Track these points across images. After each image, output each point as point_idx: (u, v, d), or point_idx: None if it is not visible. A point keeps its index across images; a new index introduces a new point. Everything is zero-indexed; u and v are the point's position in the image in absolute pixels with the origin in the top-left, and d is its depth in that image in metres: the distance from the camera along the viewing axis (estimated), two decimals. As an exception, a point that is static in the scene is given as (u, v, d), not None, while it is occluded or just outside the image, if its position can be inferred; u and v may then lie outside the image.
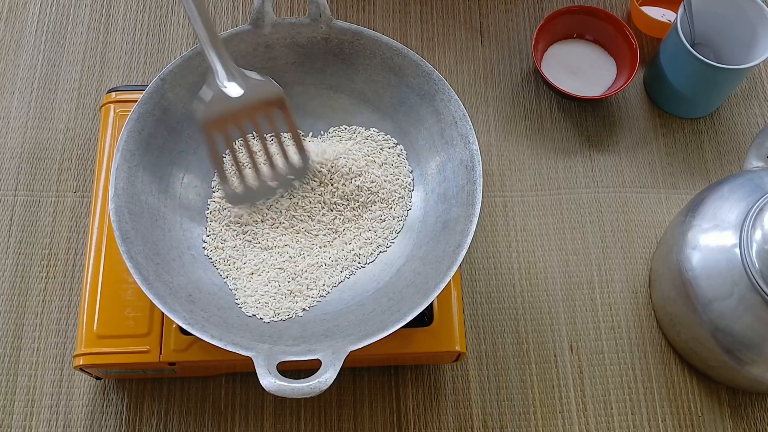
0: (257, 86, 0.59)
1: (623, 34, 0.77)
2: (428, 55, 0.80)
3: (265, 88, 0.59)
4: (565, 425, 0.66)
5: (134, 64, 0.79)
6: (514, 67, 0.81)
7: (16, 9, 0.80)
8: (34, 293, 0.68)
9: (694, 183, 0.76)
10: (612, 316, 0.70)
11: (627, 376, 0.68)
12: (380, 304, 0.57)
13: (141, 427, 0.64)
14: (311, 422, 0.65)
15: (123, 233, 0.54)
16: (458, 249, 0.55)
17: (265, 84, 0.59)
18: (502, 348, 0.69)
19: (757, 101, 0.81)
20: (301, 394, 0.47)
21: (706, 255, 0.62)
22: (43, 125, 0.75)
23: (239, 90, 0.58)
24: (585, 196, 0.75)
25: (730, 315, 0.60)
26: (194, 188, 0.62)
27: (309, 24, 0.62)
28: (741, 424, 0.67)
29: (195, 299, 0.55)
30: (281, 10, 0.83)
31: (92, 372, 0.61)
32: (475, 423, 0.66)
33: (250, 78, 0.59)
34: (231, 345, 0.51)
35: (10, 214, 0.71)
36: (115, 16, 0.81)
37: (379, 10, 0.83)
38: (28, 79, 0.77)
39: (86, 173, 0.73)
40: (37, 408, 0.64)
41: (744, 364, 0.62)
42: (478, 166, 0.58)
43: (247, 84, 0.58)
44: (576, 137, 0.78)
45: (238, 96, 0.58)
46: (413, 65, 0.62)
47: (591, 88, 0.78)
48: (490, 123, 0.78)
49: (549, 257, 0.72)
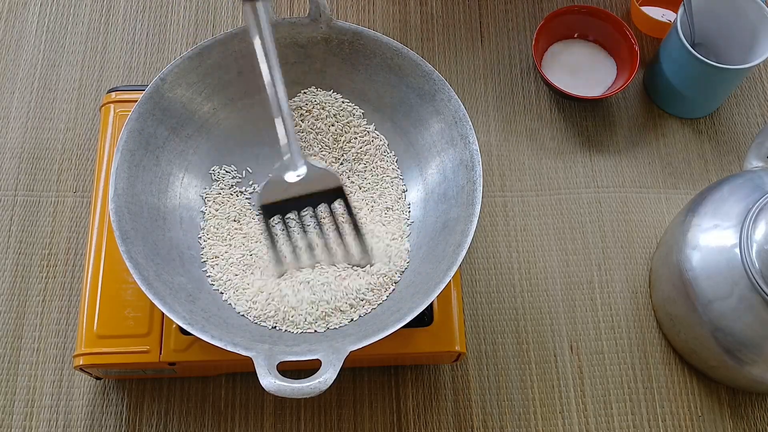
0: (317, 174, 0.58)
1: (623, 34, 0.77)
2: (428, 55, 0.80)
3: (325, 177, 0.59)
4: (565, 425, 0.66)
5: (134, 64, 0.79)
6: (514, 68, 0.81)
7: (16, 9, 0.80)
8: (34, 293, 0.68)
9: (694, 183, 0.76)
10: (612, 316, 0.70)
11: (627, 376, 0.68)
12: (380, 304, 0.57)
13: (141, 427, 0.64)
14: (311, 422, 0.65)
15: (123, 233, 0.54)
16: (458, 249, 0.55)
17: (326, 173, 0.59)
18: (502, 348, 0.69)
19: (757, 101, 0.81)
20: (301, 394, 0.47)
21: (706, 255, 0.62)
22: (43, 125, 0.75)
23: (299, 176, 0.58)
24: (585, 196, 0.75)
25: (730, 315, 0.60)
26: (194, 188, 0.62)
27: (309, 24, 0.62)
28: (741, 424, 0.67)
29: (195, 299, 0.55)
30: (281, 10, 0.83)
31: (92, 372, 0.61)
32: (475, 423, 0.66)
33: (313, 166, 0.58)
34: (231, 345, 0.51)
35: (10, 214, 0.71)
36: (115, 16, 0.81)
37: (379, 10, 0.83)
38: (28, 79, 0.77)
39: (86, 173, 0.73)
40: (37, 408, 0.64)
41: (744, 364, 0.62)
42: (478, 166, 0.58)
43: (308, 170, 0.58)
44: (576, 137, 0.78)
45: (297, 181, 0.58)
46: (413, 65, 0.62)
47: (591, 88, 0.78)
48: (490, 123, 0.78)
49: (549, 257, 0.72)
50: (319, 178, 0.58)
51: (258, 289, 0.58)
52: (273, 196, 0.58)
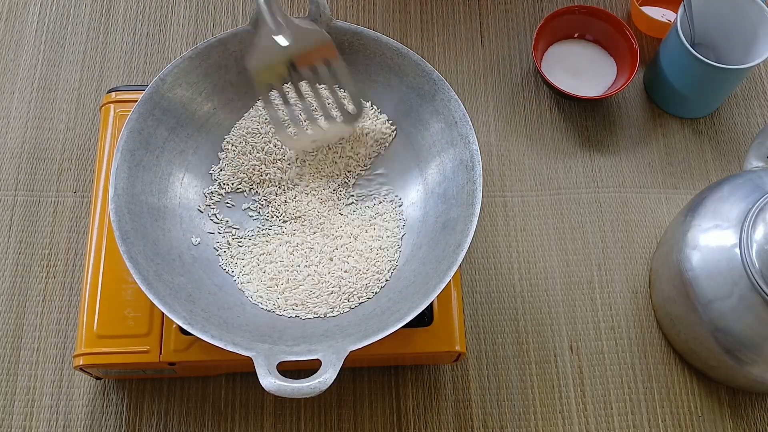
0: (305, 34, 0.58)
1: (623, 34, 0.77)
2: (428, 55, 0.80)
3: (312, 36, 0.59)
4: (565, 425, 0.66)
5: (134, 64, 0.79)
6: (514, 67, 0.81)
7: (16, 9, 0.80)
8: (34, 293, 0.68)
9: (694, 183, 0.76)
10: (612, 316, 0.70)
11: (627, 376, 0.68)
12: (380, 304, 0.57)
13: (141, 427, 0.64)
14: (311, 422, 0.65)
15: (123, 233, 0.54)
16: (458, 249, 0.55)
17: (313, 32, 0.59)
18: (502, 348, 0.69)
19: (757, 101, 0.81)
20: (301, 394, 0.47)
21: (706, 255, 0.62)
22: (43, 125, 0.75)
23: (286, 40, 0.58)
24: (585, 196, 0.75)
25: (730, 315, 0.60)
26: (194, 188, 0.62)
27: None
28: (741, 424, 0.67)
29: (195, 299, 0.55)
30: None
31: (92, 372, 0.61)
32: (475, 423, 0.66)
33: (299, 26, 0.58)
34: (231, 345, 0.51)
35: (10, 214, 0.71)
36: (115, 16, 0.81)
37: (379, 10, 0.83)
38: (28, 79, 0.77)
39: (86, 173, 0.73)
40: (37, 408, 0.65)
41: (744, 364, 0.62)
42: (478, 166, 0.58)
43: (295, 32, 0.58)
44: (576, 137, 0.78)
45: (285, 45, 0.58)
46: (413, 65, 0.62)
47: (591, 88, 0.78)
48: (490, 123, 0.78)
49: (549, 257, 0.72)
50: (308, 37, 0.59)
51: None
52: (263, 60, 0.58)
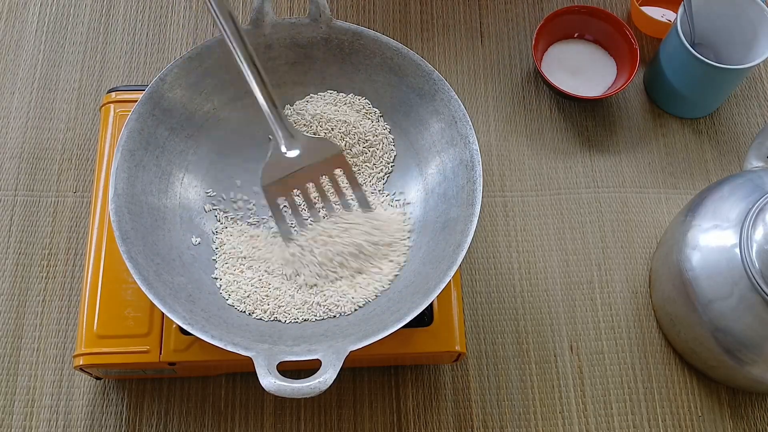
0: (316, 145, 0.60)
1: (623, 34, 0.77)
2: (428, 55, 0.80)
3: (323, 147, 0.60)
4: (565, 425, 0.66)
5: (134, 64, 0.79)
6: (514, 67, 0.81)
7: (16, 9, 0.80)
8: (34, 293, 0.68)
9: (694, 183, 0.76)
10: (612, 316, 0.70)
11: (627, 376, 0.68)
12: (380, 304, 0.57)
13: (141, 427, 0.64)
14: (311, 422, 0.65)
15: (123, 233, 0.54)
16: (458, 249, 0.55)
17: (323, 143, 0.60)
18: (502, 348, 0.69)
19: (757, 101, 0.81)
20: (301, 394, 0.47)
21: (706, 255, 0.62)
22: (43, 125, 0.75)
23: (296, 151, 0.59)
24: (585, 196, 0.75)
25: (730, 315, 0.60)
26: (194, 188, 0.62)
27: (309, 24, 0.62)
28: (741, 424, 0.67)
29: (195, 299, 0.55)
30: (281, 10, 0.83)
31: (92, 372, 0.61)
32: (475, 423, 0.66)
33: (309, 138, 0.60)
34: (231, 345, 0.51)
35: (10, 214, 0.71)
36: (115, 16, 0.81)
37: (379, 10, 0.83)
38: (28, 79, 0.77)
39: (86, 173, 0.73)
40: (37, 408, 0.65)
41: (744, 364, 0.62)
42: (478, 166, 0.58)
43: (305, 144, 0.59)
44: (576, 137, 0.78)
45: (295, 156, 0.59)
46: (413, 65, 0.62)
47: (591, 88, 0.78)
48: (490, 123, 0.78)
49: (549, 257, 0.72)
50: (318, 148, 0.59)
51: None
52: (275, 175, 0.59)
